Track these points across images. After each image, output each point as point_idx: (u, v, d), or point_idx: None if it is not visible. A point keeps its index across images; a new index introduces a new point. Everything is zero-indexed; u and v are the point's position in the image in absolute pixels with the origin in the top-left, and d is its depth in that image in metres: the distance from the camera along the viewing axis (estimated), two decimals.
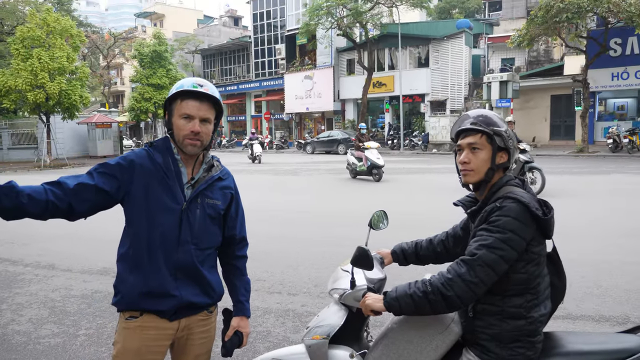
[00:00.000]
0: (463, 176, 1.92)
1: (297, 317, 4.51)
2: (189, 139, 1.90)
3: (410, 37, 31.69)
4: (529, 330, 1.78)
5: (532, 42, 23.28)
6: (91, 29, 49.69)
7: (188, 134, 1.89)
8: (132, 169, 1.91)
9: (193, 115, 1.89)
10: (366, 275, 2.15)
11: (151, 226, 1.91)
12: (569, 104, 25.86)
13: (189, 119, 1.90)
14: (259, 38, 42.25)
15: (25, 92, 24.67)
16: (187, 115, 1.90)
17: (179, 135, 1.92)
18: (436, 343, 1.89)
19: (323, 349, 2.07)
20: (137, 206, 1.91)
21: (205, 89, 1.91)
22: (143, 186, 1.90)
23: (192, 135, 1.89)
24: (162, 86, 32.65)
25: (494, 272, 1.72)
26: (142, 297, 1.92)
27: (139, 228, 1.92)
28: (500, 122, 1.89)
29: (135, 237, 1.94)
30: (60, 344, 4.05)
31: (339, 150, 28.90)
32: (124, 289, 1.95)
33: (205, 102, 1.92)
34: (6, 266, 6.56)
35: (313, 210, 10.44)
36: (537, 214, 1.74)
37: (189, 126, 1.89)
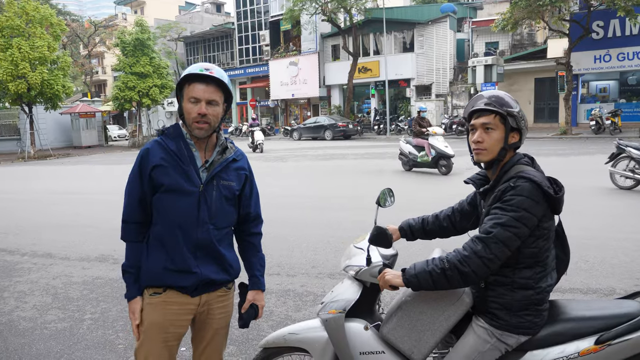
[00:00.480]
0: (475, 155, 2.00)
1: (297, 296, 4.62)
2: (196, 121, 1.98)
3: (394, 21, 31.67)
4: (537, 299, 1.90)
5: (515, 26, 23.43)
6: (70, 18, 48.75)
7: (195, 117, 1.97)
8: (147, 164, 2.02)
9: (199, 97, 1.97)
10: (379, 251, 2.25)
11: (172, 209, 2.01)
12: (553, 86, 26.16)
13: (196, 102, 1.97)
14: (242, 24, 41.83)
15: (6, 83, 24.19)
16: (194, 99, 1.97)
17: (189, 119, 2.00)
18: (448, 313, 2.01)
19: (340, 322, 2.18)
20: (159, 193, 2.02)
21: (211, 72, 1.98)
22: (162, 174, 2.00)
23: (199, 117, 1.97)
24: (146, 74, 32.12)
25: (507, 248, 1.83)
26: (165, 273, 2.03)
27: (162, 212, 2.03)
28: (513, 102, 1.97)
29: (159, 220, 2.05)
30: (67, 328, 4.12)
31: (325, 136, 28.95)
32: (149, 264, 2.06)
33: (212, 84, 1.99)
34: (3, 256, 6.56)
35: (304, 194, 10.54)
36: (549, 192, 1.84)
37: (195, 109, 1.97)
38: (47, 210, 10.10)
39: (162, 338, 2.05)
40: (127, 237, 2.11)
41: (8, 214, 9.77)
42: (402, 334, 2.08)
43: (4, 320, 4.37)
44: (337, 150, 21.58)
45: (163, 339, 2.05)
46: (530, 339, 1.93)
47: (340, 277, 4.97)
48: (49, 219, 9.05)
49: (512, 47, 32.00)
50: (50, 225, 8.44)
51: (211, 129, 2.02)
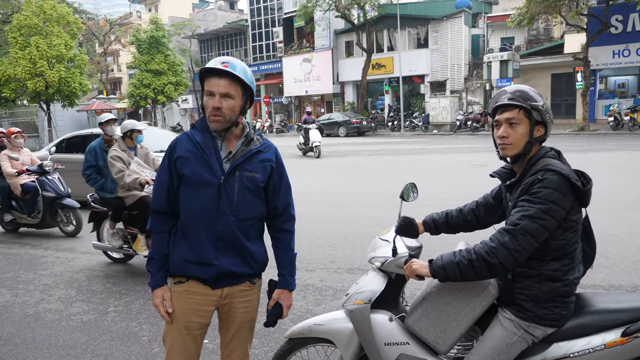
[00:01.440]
0: (501, 150, 2.01)
1: (317, 291, 4.67)
2: (212, 115, 2.01)
3: (409, 17, 31.47)
4: (564, 291, 1.92)
5: (532, 21, 23.15)
6: (86, 16, 49.20)
7: (211, 110, 2.01)
8: (173, 155, 2.09)
9: (213, 91, 2.00)
10: (405, 243, 2.28)
11: (193, 200, 2.06)
12: (570, 82, 25.84)
13: (211, 96, 2.01)
14: (255, 21, 41.90)
15: (24, 81, 24.62)
16: (209, 92, 2.01)
17: (207, 113, 2.04)
18: (473, 305, 2.03)
19: (365, 313, 2.21)
20: (183, 184, 2.08)
21: (225, 65, 1.99)
22: (185, 165, 2.05)
23: (214, 111, 2.00)
24: (161, 72, 32.49)
25: (535, 240, 1.84)
26: (186, 264, 2.09)
27: (185, 203, 2.09)
28: (537, 96, 1.97)
29: (182, 211, 2.10)
30: (93, 320, 4.21)
31: (339, 132, 28.90)
32: (173, 255, 2.13)
33: (225, 77, 2.00)
34: (27, 250, 6.71)
35: (319, 191, 10.57)
36: (576, 184, 1.85)
37: (210, 102, 2.00)
38: None
39: (184, 326, 2.10)
40: (155, 228, 2.16)
41: None
42: (427, 325, 2.10)
43: (31, 312, 4.48)
44: (351, 146, 21.57)
45: (185, 327, 2.10)
46: (557, 330, 1.94)
47: (359, 272, 5.01)
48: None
49: (528, 43, 31.64)
50: None
51: (226, 122, 2.03)
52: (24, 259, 6.25)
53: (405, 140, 24.24)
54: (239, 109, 2.05)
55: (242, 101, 2.06)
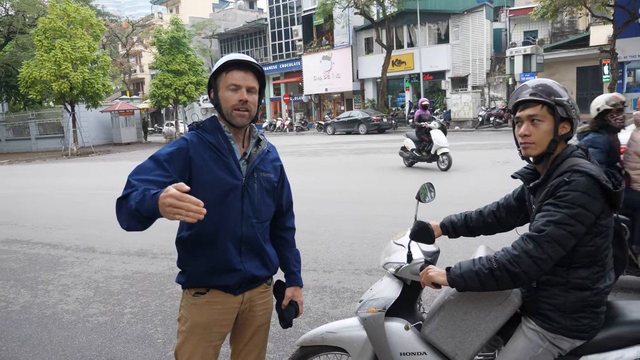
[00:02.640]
0: (523, 149, 1.87)
1: (334, 293, 4.57)
2: (236, 109, 1.91)
3: (429, 12, 31.09)
4: (594, 301, 1.77)
5: (556, 13, 22.61)
6: (109, 18, 49.98)
7: (236, 104, 1.91)
8: (188, 155, 1.90)
9: (239, 84, 1.91)
10: (421, 248, 2.16)
11: (216, 205, 1.91)
12: (596, 75, 25.18)
13: (236, 89, 1.91)
14: (275, 20, 41.96)
15: (49, 83, 25.11)
16: (234, 86, 1.91)
17: (227, 108, 1.92)
18: (495, 314, 1.90)
19: (379, 321, 2.11)
20: (200, 189, 1.88)
21: (249, 59, 1.94)
22: (202, 169, 1.91)
23: (240, 104, 1.91)
24: (182, 72, 32.72)
25: (561, 248, 1.70)
26: (208, 274, 1.97)
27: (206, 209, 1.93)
28: (561, 90, 1.83)
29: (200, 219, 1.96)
30: (109, 322, 4.19)
31: (359, 130, 28.75)
32: (191, 268, 1.99)
33: (250, 72, 1.94)
34: (48, 250, 6.78)
35: (338, 189, 10.47)
36: (607, 187, 1.69)
37: (236, 96, 1.90)
38: (90, 205, 10.38)
39: (207, 339, 2.00)
40: None
41: (53, 209, 10.10)
42: (445, 335, 1.99)
43: (49, 313, 4.50)
44: (371, 144, 21.41)
45: (208, 340, 2.00)
46: (586, 343, 1.80)
47: (378, 273, 4.89)
48: (91, 213, 9.30)
49: (552, 36, 30.95)
50: (93, 220, 8.66)
51: (250, 117, 1.96)
52: (45, 259, 6.31)
53: None
54: (258, 104, 2.01)
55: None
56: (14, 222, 8.92)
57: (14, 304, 4.77)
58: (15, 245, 7.17)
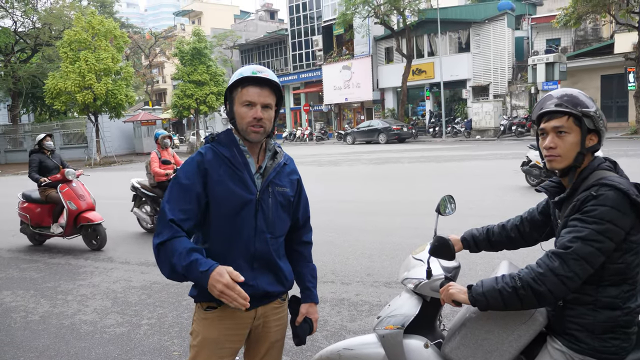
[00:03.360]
0: (548, 162, 1.79)
1: (352, 306, 4.49)
2: (251, 126, 1.88)
3: (449, 21, 30.95)
4: (625, 321, 1.68)
5: (579, 21, 22.30)
6: (133, 30, 50.97)
7: (251, 121, 1.87)
8: (203, 172, 1.89)
9: (254, 101, 1.88)
10: (441, 263, 2.09)
11: (229, 220, 1.90)
12: (621, 83, 24.65)
13: (251, 106, 1.88)
14: (295, 30, 42.27)
15: (74, 94, 25.61)
16: (248, 103, 1.88)
17: (242, 124, 1.90)
18: (519, 333, 1.81)
19: (398, 338, 2.03)
20: (215, 203, 1.89)
21: (265, 74, 1.89)
22: (217, 184, 1.89)
23: (255, 122, 1.87)
24: (203, 82, 33.14)
25: (589, 266, 1.61)
26: None
27: (217, 224, 1.92)
28: (588, 101, 1.74)
29: (212, 234, 1.93)
30: (125, 333, 4.18)
31: (379, 139, 28.64)
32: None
33: (266, 87, 1.90)
34: (69, 259, 6.84)
35: (358, 199, 10.38)
36: (637, 201, 1.60)
37: (251, 113, 1.87)
38: (111, 214, 10.45)
39: (217, 355, 1.95)
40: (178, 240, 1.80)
41: None
42: (467, 354, 1.90)
43: (67, 323, 4.51)
44: (391, 154, 21.28)
45: (219, 356, 1.96)
46: None
47: (397, 286, 4.80)
48: (112, 223, 9.37)
49: (575, 44, 30.46)
50: (113, 229, 8.70)
51: (265, 133, 1.93)
52: (65, 269, 6.36)
53: (447, 146, 23.73)
54: (273, 119, 1.97)
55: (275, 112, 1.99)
56: None
57: (34, 314, 4.80)
58: (37, 255, 7.26)
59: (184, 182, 1.88)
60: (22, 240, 8.25)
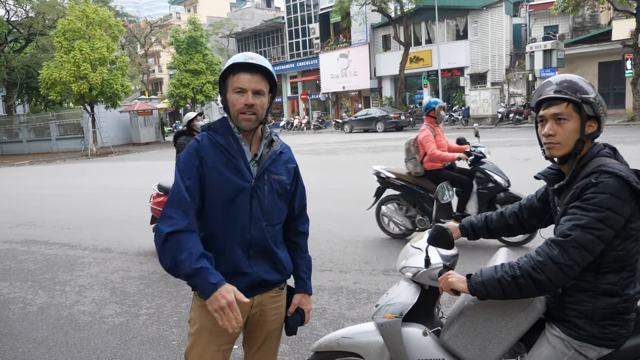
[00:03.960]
0: (547, 149, 1.77)
1: (350, 294, 4.50)
2: (242, 113, 1.87)
3: (447, 8, 30.75)
4: (623, 307, 1.68)
5: (577, 7, 22.22)
6: (127, 19, 50.51)
7: (242, 108, 1.87)
8: (200, 160, 1.90)
9: (245, 87, 1.87)
10: (439, 252, 2.08)
11: (224, 207, 1.91)
12: (619, 70, 24.60)
13: (242, 93, 1.87)
14: (292, 18, 41.97)
15: (69, 84, 25.44)
16: (239, 89, 1.87)
17: (234, 111, 1.89)
18: (517, 320, 1.82)
19: (396, 327, 2.03)
20: (209, 190, 1.90)
21: (256, 60, 1.88)
22: (212, 171, 1.89)
23: (246, 108, 1.86)
24: (200, 71, 33.01)
25: (589, 253, 1.61)
26: None
27: (213, 212, 1.92)
28: (587, 87, 1.72)
29: (209, 221, 1.93)
30: (124, 323, 4.19)
31: (377, 128, 28.58)
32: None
33: (257, 74, 1.89)
34: (66, 250, 6.83)
35: (356, 188, 10.36)
36: (638, 188, 1.59)
37: (242, 99, 1.86)
38: (108, 205, 10.48)
39: (215, 342, 1.97)
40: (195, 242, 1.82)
41: (72, 210, 10.21)
42: (465, 342, 1.91)
43: (65, 314, 4.51)
44: (389, 142, 21.24)
45: (216, 344, 1.97)
46: (614, 351, 1.71)
47: (395, 274, 4.81)
48: (110, 214, 9.38)
49: (573, 31, 30.35)
50: (111, 220, 8.72)
51: (258, 120, 1.92)
52: (63, 260, 6.36)
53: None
54: (267, 106, 1.95)
55: (268, 99, 1.97)
56: (33, 223, 9.03)
57: (32, 305, 4.80)
58: (34, 246, 7.25)
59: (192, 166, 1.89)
60: (18, 232, 8.25)
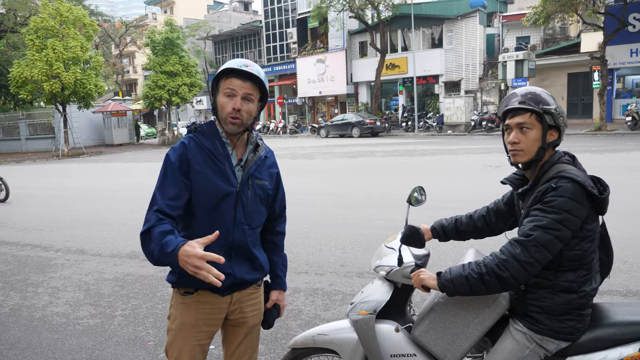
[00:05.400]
0: (512, 156, 1.91)
1: (326, 295, 4.58)
2: (230, 117, 1.92)
3: (423, 17, 31.28)
4: (580, 303, 1.81)
5: (548, 20, 22.87)
6: (102, 18, 49.77)
7: (230, 112, 1.91)
8: (187, 163, 1.94)
9: (235, 90, 1.91)
10: (411, 251, 2.19)
11: (209, 210, 1.96)
12: (587, 81, 25.42)
13: (231, 96, 1.92)
14: (270, 22, 42.00)
15: (41, 83, 24.94)
16: (229, 90, 1.92)
17: (222, 114, 1.94)
18: (483, 316, 1.93)
19: (370, 323, 2.13)
20: (196, 194, 1.94)
21: (250, 69, 1.93)
22: (198, 174, 1.94)
23: (234, 112, 1.91)
24: (176, 73, 32.65)
25: (548, 252, 1.74)
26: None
27: (197, 214, 1.97)
28: (549, 99, 1.86)
29: (193, 223, 1.99)
30: (99, 324, 4.18)
31: (353, 133, 28.81)
32: (181, 268, 1.99)
33: (249, 81, 1.94)
34: (38, 252, 6.73)
35: (332, 192, 10.48)
36: (593, 192, 1.74)
37: (230, 103, 1.91)
38: (81, 207, 10.33)
39: (195, 337, 2.02)
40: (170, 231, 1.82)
41: (43, 211, 10.03)
42: (435, 337, 2.02)
43: (39, 315, 4.47)
44: (365, 147, 21.46)
45: (196, 338, 2.03)
46: (571, 344, 1.84)
47: (370, 276, 4.91)
48: (82, 215, 9.26)
49: (544, 42, 31.24)
50: (83, 221, 8.62)
51: (243, 126, 1.96)
52: (35, 261, 6.27)
53: (419, 140, 24.05)
54: (255, 114, 2.00)
55: (258, 107, 2.02)
56: (3, 224, 8.86)
57: (3, 307, 4.74)
58: (4, 247, 7.12)
59: (174, 169, 1.93)
60: None
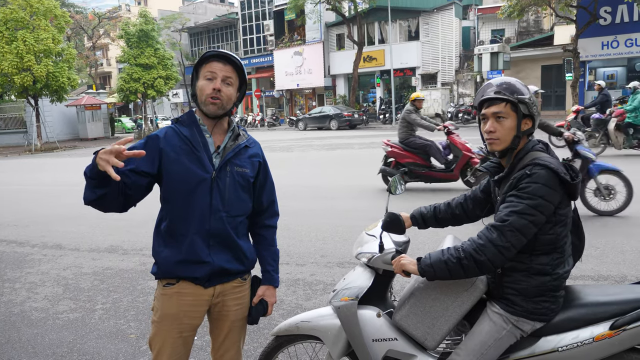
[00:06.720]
0: (489, 144, 1.98)
1: (307, 285, 4.63)
2: (211, 97, 1.96)
3: (399, 9, 31.41)
4: (554, 285, 1.90)
5: (522, 13, 23.23)
6: (74, 9, 48.67)
7: (210, 92, 1.95)
8: (159, 147, 1.97)
9: (215, 72, 1.97)
10: (392, 238, 2.25)
11: (185, 197, 1.98)
12: (560, 74, 25.95)
13: (212, 80, 1.97)
14: (246, 14, 41.60)
15: (11, 76, 24.29)
16: (210, 73, 1.97)
17: (202, 96, 1.98)
18: (461, 300, 2.00)
19: (352, 309, 2.18)
20: (171, 181, 1.98)
21: (230, 54, 2.00)
22: (173, 161, 1.97)
23: (214, 92, 1.95)
24: (151, 66, 32.15)
25: (523, 236, 1.81)
26: (177, 265, 2.00)
27: (174, 201, 2.00)
28: (523, 89, 1.93)
29: (171, 211, 2.01)
30: (80, 318, 4.15)
31: (331, 125, 28.84)
32: (161, 259, 2.03)
33: (229, 65, 2.00)
34: (13, 247, 6.62)
35: (311, 184, 10.53)
36: (565, 179, 1.82)
37: (211, 85, 1.96)
38: (56, 202, 10.16)
39: (176, 329, 2.03)
40: None
41: (17, 206, 9.84)
42: (415, 321, 2.08)
43: (17, 310, 4.42)
44: (343, 140, 21.53)
45: (178, 330, 2.03)
46: (545, 324, 1.92)
47: (350, 265, 4.98)
48: (58, 210, 9.11)
49: (518, 34, 31.70)
50: (59, 216, 8.49)
51: (222, 108, 1.99)
52: (10, 257, 6.16)
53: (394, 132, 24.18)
54: (234, 99, 2.04)
55: (237, 95, 2.07)
56: None
57: None
58: None
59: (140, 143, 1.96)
60: None
